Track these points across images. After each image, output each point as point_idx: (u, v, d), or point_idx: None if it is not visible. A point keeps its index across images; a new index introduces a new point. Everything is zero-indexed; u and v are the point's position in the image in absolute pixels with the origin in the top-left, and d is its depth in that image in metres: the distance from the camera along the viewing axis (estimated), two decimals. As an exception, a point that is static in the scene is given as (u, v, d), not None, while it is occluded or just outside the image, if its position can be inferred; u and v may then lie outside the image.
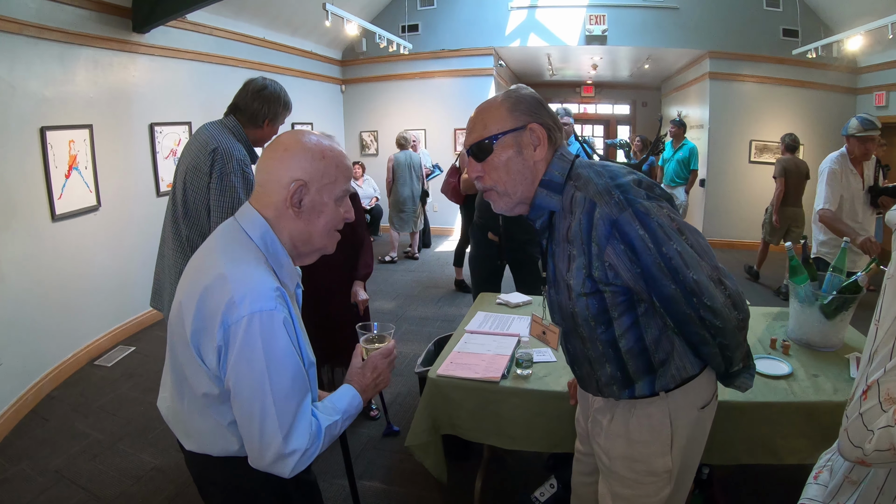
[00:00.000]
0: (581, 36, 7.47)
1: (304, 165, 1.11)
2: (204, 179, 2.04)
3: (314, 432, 1.08)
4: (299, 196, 1.11)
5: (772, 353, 2.07)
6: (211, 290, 1.03)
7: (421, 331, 4.60)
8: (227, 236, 1.14)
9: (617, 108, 13.21)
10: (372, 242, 2.96)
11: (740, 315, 1.16)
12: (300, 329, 1.14)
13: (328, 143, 1.15)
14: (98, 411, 3.28)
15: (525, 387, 1.85)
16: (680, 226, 1.13)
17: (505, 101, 1.25)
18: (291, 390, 1.04)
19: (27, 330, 3.41)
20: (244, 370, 1.01)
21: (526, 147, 1.23)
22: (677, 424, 1.27)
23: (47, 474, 2.67)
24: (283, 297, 1.05)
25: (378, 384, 1.28)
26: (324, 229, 1.16)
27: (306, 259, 1.21)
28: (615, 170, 1.20)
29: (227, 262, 1.07)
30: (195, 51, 5.15)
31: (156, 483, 2.60)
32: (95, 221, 4.06)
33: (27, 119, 3.45)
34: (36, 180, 3.54)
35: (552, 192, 1.24)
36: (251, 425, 1.03)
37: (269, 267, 1.10)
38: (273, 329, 1.01)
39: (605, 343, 1.24)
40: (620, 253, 1.13)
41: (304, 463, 1.06)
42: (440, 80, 8.16)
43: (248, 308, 1.00)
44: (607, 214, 1.12)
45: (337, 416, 1.15)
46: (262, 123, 2.16)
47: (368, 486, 2.54)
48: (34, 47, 3.48)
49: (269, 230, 1.12)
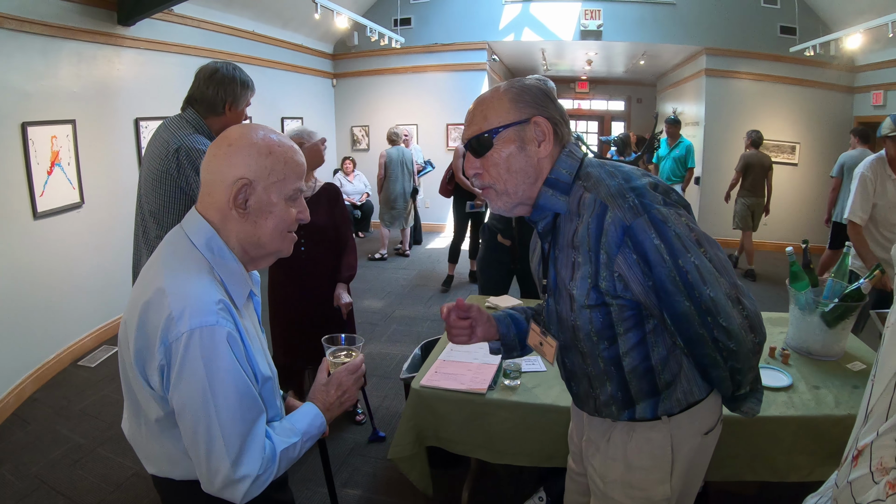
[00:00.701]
0: (576, 31, 7.39)
1: (249, 162, 1.02)
2: (172, 185, 1.92)
3: (268, 456, 1.01)
4: (244, 196, 1.02)
5: (771, 362, 2.01)
6: (150, 305, 0.96)
7: (410, 331, 4.54)
8: (170, 246, 1.06)
9: (612, 104, 13.13)
10: (356, 243, 2.88)
11: (757, 339, 1.07)
12: (253, 342, 1.06)
13: (277, 138, 1.06)
14: (80, 414, 3.21)
15: (513, 399, 1.79)
16: (699, 237, 1.04)
17: (508, 91, 1.14)
18: (238, 412, 0.96)
19: (8, 331, 3.32)
20: (186, 391, 0.94)
21: (529, 142, 1.12)
22: (679, 451, 1.18)
23: (27, 480, 2.61)
24: (227, 311, 0.98)
25: (343, 402, 1.20)
26: (273, 231, 1.06)
27: (260, 263, 1.12)
28: (629, 171, 1.10)
29: (167, 274, 0.99)
30: (182, 44, 5.04)
31: (136, 490, 2.53)
32: (79, 219, 3.97)
33: (8, 114, 3.35)
34: (17, 177, 3.44)
35: (558, 193, 1.13)
36: (198, 449, 0.96)
37: (214, 277, 1.02)
38: (215, 346, 0.94)
39: (607, 360, 1.15)
40: (632, 263, 1.03)
41: (257, 489, 1.00)
42: (433, 74, 8.06)
43: (187, 324, 0.92)
44: (620, 219, 1.02)
45: (295, 437, 1.08)
46: (222, 110, 2.00)
47: (351, 494, 2.49)
48: (15, 40, 3.38)
49: (215, 235, 1.04)
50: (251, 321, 1.13)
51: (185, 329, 0.92)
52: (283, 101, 7.11)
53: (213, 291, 0.98)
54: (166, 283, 0.97)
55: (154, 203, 1.96)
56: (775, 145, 7.05)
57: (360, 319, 4.70)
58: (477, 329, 1.34)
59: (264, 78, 6.57)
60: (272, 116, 6.85)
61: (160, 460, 1.08)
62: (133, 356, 0.98)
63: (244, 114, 2.07)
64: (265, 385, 1.07)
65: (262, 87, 6.84)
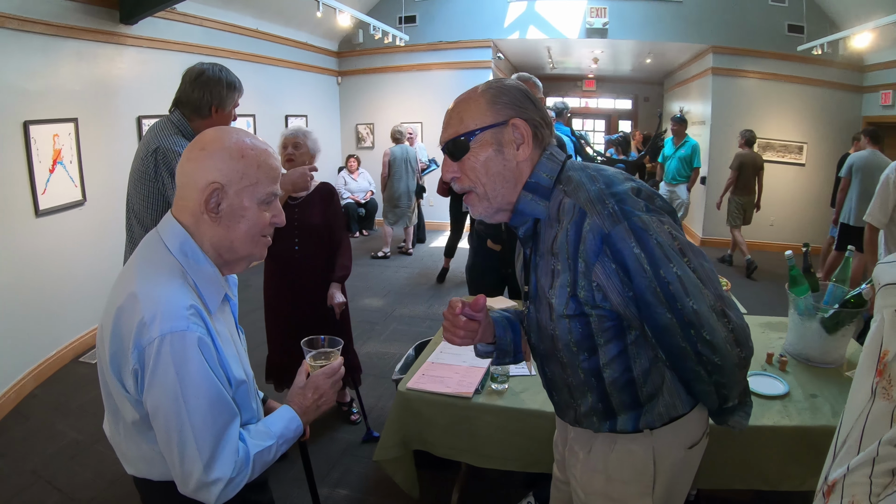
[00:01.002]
0: (582, 29, 7.33)
1: (220, 166, 1.02)
2: (151, 185, 1.92)
3: (241, 459, 1.02)
4: (216, 200, 1.02)
5: (768, 368, 1.97)
6: (123, 310, 0.97)
7: (409, 330, 4.53)
8: (145, 249, 1.07)
9: (618, 102, 13.04)
10: (359, 241, 2.87)
11: (743, 353, 1.01)
12: (227, 346, 1.07)
13: (250, 142, 1.06)
14: (78, 411, 3.23)
15: (499, 403, 1.78)
16: (682, 246, 0.99)
17: (485, 92, 1.10)
18: (210, 416, 0.98)
19: (10, 328, 3.36)
20: (159, 395, 0.96)
21: (507, 145, 1.08)
22: (661, 464, 1.14)
23: (24, 474, 2.64)
24: (198, 315, 0.98)
25: (320, 406, 1.20)
26: (245, 236, 1.06)
27: (235, 268, 1.13)
28: (611, 175, 1.06)
29: (139, 279, 1.00)
30: (184, 42, 5.06)
31: (130, 487, 2.45)
32: (81, 216, 3.99)
33: (9, 113, 3.37)
34: (18, 176, 3.46)
35: (538, 197, 1.09)
36: (171, 452, 0.98)
37: (187, 281, 1.02)
38: (185, 350, 0.95)
39: (587, 371, 1.11)
40: (611, 273, 0.99)
41: (230, 491, 1.01)
42: (438, 72, 8.04)
43: (158, 329, 0.94)
44: (598, 227, 0.99)
45: (270, 440, 1.09)
46: (208, 112, 1.98)
47: (342, 494, 2.49)
48: (16, 40, 3.40)
49: (189, 239, 1.04)
50: (226, 325, 1.13)
51: (156, 334, 0.93)
52: (287, 98, 7.12)
53: (184, 296, 0.98)
54: (138, 288, 0.98)
55: (136, 203, 1.98)
56: (782, 145, 6.97)
57: (360, 318, 4.71)
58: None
59: (267, 76, 6.60)
60: (276, 114, 6.86)
61: (138, 461, 1.10)
62: (108, 360, 0.99)
63: (232, 115, 2.05)
64: (239, 389, 1.07)
65: (265, 85, 6.89)
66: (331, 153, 8.41)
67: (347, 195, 7.88)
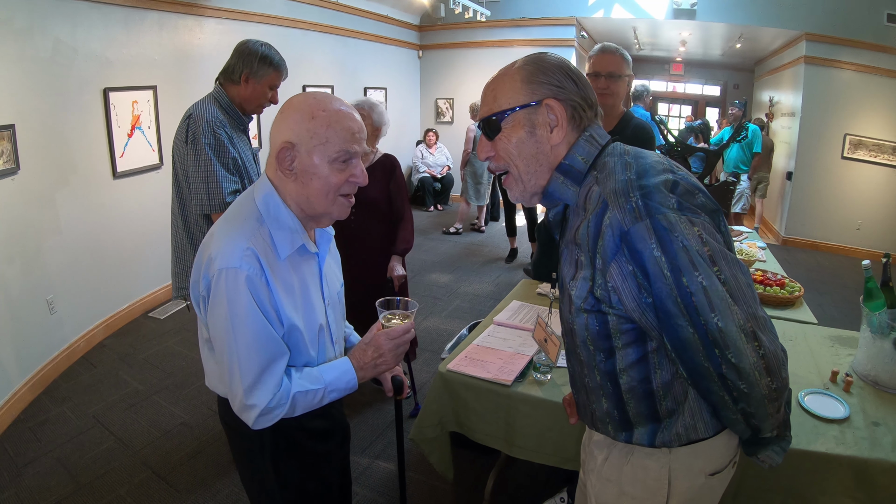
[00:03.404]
0: (669, 9, 6.95)
1: (293, 126, 1.09)
2: (183, 148, 2.05)
3: (281, 393, 1.10)
4: (290, 158, 1.10)
5: (830, 387, 1.79)
6: (204, 246, 1.12)
7: (472, 308, 4.49)
8: (240, 199, 1.19)
9: (707, 88, 12.36)
10: (413, 216, 2.85)
11: (773, 384, 0.89)
12: (289, 292, 1.13)
13: (325, 104, 1.11)
14: (143, 362, 3.45)
15: (538, 395, 1.72)
16: (714, 252, 0.87)
17: (521, 69, 1.02)
18: (254, 347, 1.06)
19: (86, 280, 3.61)
20: (214, 321, 1.08)
21: (540, 127, 1.01)
22: (677, 487, 1.05)
23: (85, 419, 2.85)
24: (254, 257, 1.06)
25: (378, 365, 1.23)
26: (319, 192, 1.12)
27: (321, 222, 1.21)
28: (648, 164, 0.95)
29: (221, 221, 1.14)
30: (264, 14, 5.18)
31: (181, 438, 2.70)
32: (157, 179, 4.21)
33: (89, 81, 3.58)
34: (98, 140, 3.69)
35: (569, 181, 1.02)
36: (224, 372, 1.11)
37: (261, 227, 1.11)
38: (237, 287, 1.04)
39: (603, 374, 1.03)
40: (627, 275, 0.90)
41: (266, 420, 1.10)
42: (519, 49, 7.80)
43: (217, 264, 1.05)
44: (618, 222, 0.89)
45: (318, 385, 1.15)
46: (238, 79, 2.07)
47: (384, 466, 2.53)
48: (97, 11, 3.59)
49: (273, 192, 1.13)
50: (300, 274, 1.18)
51: (216, 268, 1.05)
52: (367, 71, 7.21)
53: (244, 239, 1.07)
54: (216, 229, 1.13)
55: (177, 163, 2.13)
56: (875, 144, 6.38)
57: (424, 293, 4.77)
58: None
59: (347, 48, 6.70)
60: (355, 86, 6.98)
61: (211, 375, 1.23)
62: (191, 285, 1.15)
63: (264, 92, 2.12)
64: (293, 333, 1.14)
65: (345, 57, 7.00)
66: (410, 126, 8.50)
67: (424, 169, 7.96)
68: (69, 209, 3.46)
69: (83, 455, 2.56)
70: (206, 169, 1.99)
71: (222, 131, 2.02)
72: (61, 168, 3.40)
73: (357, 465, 2.49)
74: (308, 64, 6.00)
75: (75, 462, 2.51)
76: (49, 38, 3.27)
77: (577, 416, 1.24)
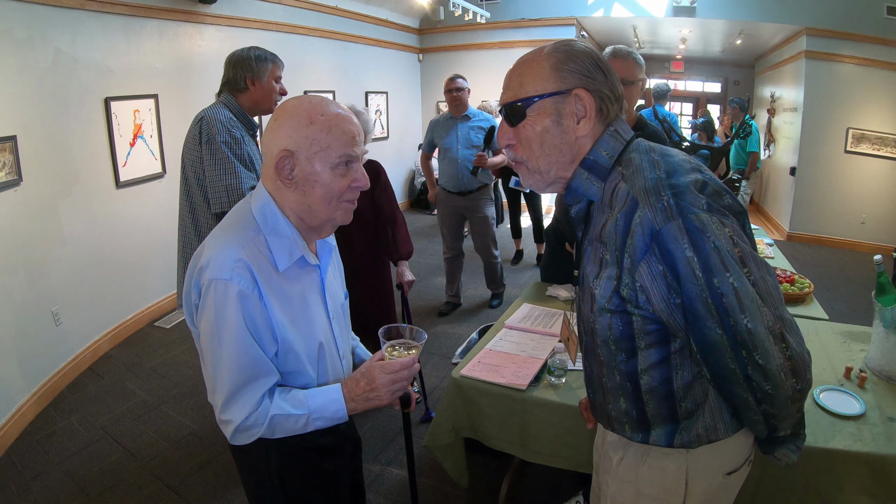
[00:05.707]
0: (668, 7, 6.96)
1: (290, 133, 1.05)
2: (196, 151, 2.07)
3: (258, 413, 1.06)
4: (289, 167, 1.06)
5: (845, 384, 1.78)
6: (197, 255, 1.08)
7: (480, 312, 4.43)
8: (235, 208, 1.16)
9: (707, 85, 12.38)
10: (405, 218, 2.81)
11: (799, 385, 0.89)
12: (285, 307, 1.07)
13: (321, 108, 1.06)
14: (149, 372, 3.43)
15: (553, 399, 1.70)
16: (744, 254, 0.86)
17: (551, 55, 0.98)
18: (236, 364, 1.03)
19: (90, 291, 3.59)
20: (203, 330, 1.06)
21: (567, 117, 0.98)
22: (694, 487, 1.05)
23: (93, 430, 2.83)
24: (246, 269, 1.02)
25: (370, 399, 1.14)
26: (322, 200, 1.08)
27: (322, 231, 1.17)
28: (676, 163, 0.93)
29: (215, 231, 1.11)
30: (264, 20, 5.17)
31: (191, 448, 2.68)
32: (160, 188, 4.19)
33: (90, 90, 3.57)
34: (100, 149, 3.68)
35: (594, 177, 1.00)
36: (207, 381, 1.09)
37: (258, 238, 1.07)
38: (225, 300, 1.01)
39: (623, 374, 1.01)
40: (657, 274, 0.88)
41: (241, 437, 1.07)
42: (519, 50, 7.67)
43: (208, 274, 1.02)
44: (649, 221, 0.87)
45: (300, 410, 1.09)
46: (244, 85, 2.13)
47: (396, 473, 2.51)
48: (97, 20, 3.58)
49: (270, 202, 1.10)
50: (301, 287, 1.13)
51: (206, 278, 1.02)
52: (368, 75, 7.21)
53: (236, 249, 1.03)
54: (210, 238, 1.09)
55: (187, 166, 2.15)
56: (878, 137, 6.36)
57: (431, 297, 4.73)
58: None
59: (347, 52, 6.70)
60: (356, 90, 6.97)
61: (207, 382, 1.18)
62: (185, 293, 1.10)
63: (271, 87, 2.18)
64: (288, 351, 1.09)
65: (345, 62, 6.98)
66: (411, 130, 8.48)
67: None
68: (72, 220, 3.44)
69: (92, 467, 2.54)
70: (225, 166, 2.02)
71: (236, 130, 2.07)
72: (64, 179, 3.39)
73: (369, 471, 2.47)
74: (309, 69, 5.99)
75: (84, 474, 2.49)
76: (49, 48, 3.26)
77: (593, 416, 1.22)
